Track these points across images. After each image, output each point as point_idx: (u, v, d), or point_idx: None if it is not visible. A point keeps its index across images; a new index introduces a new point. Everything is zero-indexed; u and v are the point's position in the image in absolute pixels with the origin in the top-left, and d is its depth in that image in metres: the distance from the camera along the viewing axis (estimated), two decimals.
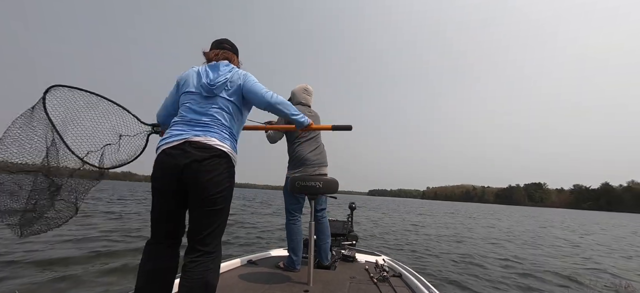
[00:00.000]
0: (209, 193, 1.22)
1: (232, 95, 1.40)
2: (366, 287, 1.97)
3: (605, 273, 4.97)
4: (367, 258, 2.78)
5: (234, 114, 1.40)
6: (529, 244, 8.15)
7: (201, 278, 1.16)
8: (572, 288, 4.04)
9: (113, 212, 9.26)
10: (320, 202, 2.46)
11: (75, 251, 4.10)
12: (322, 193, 1.95)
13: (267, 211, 13.89)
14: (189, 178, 1.22)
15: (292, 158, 2.38)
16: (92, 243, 4.68)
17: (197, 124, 1.30)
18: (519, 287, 3.92)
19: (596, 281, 4.43)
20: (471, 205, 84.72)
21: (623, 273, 5.11)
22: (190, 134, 1.26)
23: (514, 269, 4.88)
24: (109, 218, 7.80)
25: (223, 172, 1.27)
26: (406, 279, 2.13)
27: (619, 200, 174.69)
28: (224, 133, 1.33)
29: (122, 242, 5.06)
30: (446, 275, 4.21)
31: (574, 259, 6.26)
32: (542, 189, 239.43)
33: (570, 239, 10.11)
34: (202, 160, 1.22)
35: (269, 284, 1.92)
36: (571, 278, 4.44)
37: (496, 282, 4.06)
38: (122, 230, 6.08)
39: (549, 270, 4.95)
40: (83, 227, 5.98)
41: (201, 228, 1.23)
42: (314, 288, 1.88)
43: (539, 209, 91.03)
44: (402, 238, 7.64)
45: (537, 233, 11.64)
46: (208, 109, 1.34)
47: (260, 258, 2.66)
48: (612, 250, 8.03)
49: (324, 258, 2.38)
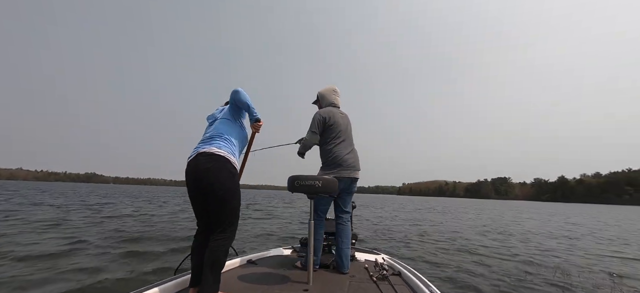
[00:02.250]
0: (209, 190, 1.62)
1: (226, 114, 1.89)
2: (366, 285, 1.96)
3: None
4: (367, 257, 2.76)
5: (229, 126, 1.84)
6: (521, 240, 8.79)
7: (216, 251, 1.57)
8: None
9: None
10: (346, 204, 2.41)
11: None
12: (321, 192, 1.94)
13: (268, 211, 13.95)
14: (202, 181, 1.63)
15: (327, 160, 2.33)
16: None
17: (204, 140, 1.76)
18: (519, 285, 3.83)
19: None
20: (447, 200, 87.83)
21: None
22: (200, 148, 1.70)
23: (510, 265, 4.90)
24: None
25: (223, 171, 1.64)
26: (405, 277, 2.12)
27: (572, 191, 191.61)
28: (223, 142, 1.73)
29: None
30: (447, 273, 4.21)
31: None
32: (507, 183, 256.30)
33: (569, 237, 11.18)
34: (206, 166, 1.63)
35: (269, 284, 1.92)
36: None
37: (496, 278, 4.04)
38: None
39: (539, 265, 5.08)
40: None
41: (217, 217, 1.64)
42: (314, 287, 1.89)
43: (506, 202, 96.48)
44: (406, 239, 7.50)
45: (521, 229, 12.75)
46: (214, 129, 1.80)
47: (260, 258, 2.64)
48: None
49: (345, 265, 2.23)
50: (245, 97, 1.84)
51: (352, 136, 2.51)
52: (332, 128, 2.34)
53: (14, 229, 6.03)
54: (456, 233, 8.85)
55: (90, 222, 7.56)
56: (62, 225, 6.83)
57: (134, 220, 8.51)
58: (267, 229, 7.85)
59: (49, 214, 8.95)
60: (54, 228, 6.45)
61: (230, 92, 1.87)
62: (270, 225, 8.89)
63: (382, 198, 67.52)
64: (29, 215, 8.38)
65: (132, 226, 7.22)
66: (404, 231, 8.73)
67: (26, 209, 10.11)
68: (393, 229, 9.06)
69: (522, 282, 3.95)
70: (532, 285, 3.85)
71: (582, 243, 7.95)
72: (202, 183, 1.62)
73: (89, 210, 10.86)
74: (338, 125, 2.36)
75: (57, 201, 14.78)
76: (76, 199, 16.98)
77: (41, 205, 11.81)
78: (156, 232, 6.41)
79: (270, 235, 6.89)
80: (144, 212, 10.79)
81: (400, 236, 7.70)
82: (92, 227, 6.86)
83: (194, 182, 1.66)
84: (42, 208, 10.80)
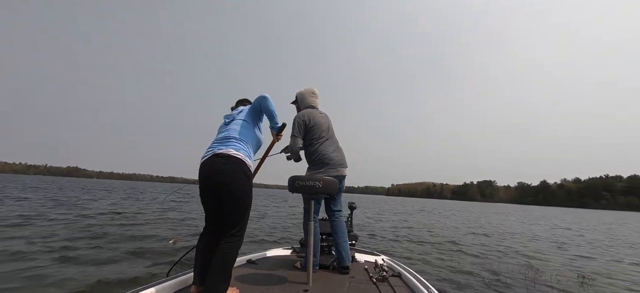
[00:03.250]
0: (225, 191, 1.63)
1: (245, 116, 1.90)
2: (365, 286, 1.95)
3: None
4: (367, 258, 2.77)
5: (246, 129, 1.85)
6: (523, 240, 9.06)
7: (229, 252, 1.60)
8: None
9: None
10: (337, 203, 2.44)
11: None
12: (321, 193, 1.94)
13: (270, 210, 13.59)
14: (217, 182, 1.63)
15: (314, 160, 2.35)
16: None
17: (220, 141, 1.75)
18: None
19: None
20: (435, 202, 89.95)
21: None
22: (216, 149, 1.69)
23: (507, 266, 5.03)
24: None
25: (238, 173, 1.65)
26: (405, 279, 2.12)
27: (553, 195, 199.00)
28: (239, 144, 1.74)
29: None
30: (446, 275, 4.22)
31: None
32: (492, 186, 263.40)
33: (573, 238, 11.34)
34: (223, 167, 1.63)
35: (269, 284, 1.91)
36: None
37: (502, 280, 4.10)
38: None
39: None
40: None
41: (230, 218, 1.65)
42: (314, 287, 1.88)
43: (492, 205, 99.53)
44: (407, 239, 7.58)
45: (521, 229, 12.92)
46: (230, 131, 1.80)
47: (259, 258, 2.64)
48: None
49: (345, 259, 2.27)
50: (272, 105, 1.90)
51: (335, 135, 2.54)
52: (314, 129, 2.37)
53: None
54: (443, 233, 8.76)
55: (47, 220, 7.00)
56: (24, 225, 6.25)
57: (104, 219, 7.97)
58: (265, 230, 7.70)
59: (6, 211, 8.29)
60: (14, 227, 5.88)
61: (257, 97, 1.89)
62: (262, 224, 8.71)
63: (371, 199, 67.89)
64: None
65: (98, 227, 6.72)
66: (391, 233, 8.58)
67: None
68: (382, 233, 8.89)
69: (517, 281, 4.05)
70: (531, 284, 3.97)
71: (568, 245, 8.02)
72: (217, 184, 1.63)
73: (60, 206, 10.20)
74: (320, 125, 2.40)
75: (25, 194, 13.96)
76: (48, 193, 16.10)
77: (4, 201, 11.04)
78: (121, 236, 5.92)
79: (266, 235, 6.76)
80: (121, 210, 10.17)
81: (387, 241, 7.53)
82: (48, 226, 6.30)
83: (207, 183, 1.67)
84: (6, 204, 10.07)
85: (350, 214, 3.26)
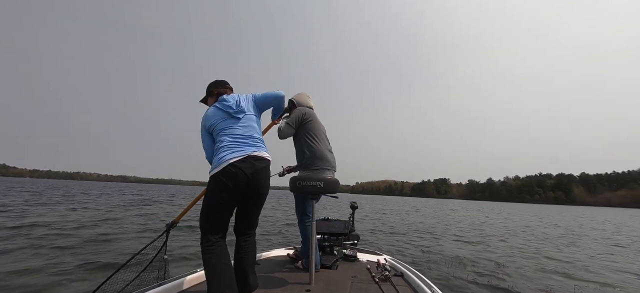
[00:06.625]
0: (264, 193, 1.74)
1: (254, 110, 1.87)
2: (368, 286, 1.96)
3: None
4: (369, 258, 2.77)
5: (259, 124, 1.88)
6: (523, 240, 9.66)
7: (252, 251, 1.75)
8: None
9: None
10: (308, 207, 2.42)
11: None
12: (323, 192, 1.92)
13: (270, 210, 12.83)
14: (254, 184, 1.65)
15: (309, 157, 2.26)
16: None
17: (246, 139, 1.70)
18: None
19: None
20: (396, 199, 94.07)
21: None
22: (249, 150, 1.66)
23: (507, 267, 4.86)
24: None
25: (268, 172, 1.76)
26: (408, 278, 2.12)
27: (497, 192, 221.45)
28: (264, 145, 1.79)
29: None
30: (446, 271, 4.20)
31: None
32: (446, 184, 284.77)
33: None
34: (262, 169, 1.68)
35: (271, 284, 1.91)
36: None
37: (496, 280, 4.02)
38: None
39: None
40: None
41: (255, 218, 1.79)
42: (316, 287, 1.88)
43: (446, 201, 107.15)
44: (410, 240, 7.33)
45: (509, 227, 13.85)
46: (248, 128, 1.74)
47: (261, 258, 2.64)
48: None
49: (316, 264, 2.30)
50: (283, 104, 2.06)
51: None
52: (311, 124, 2.40)
53: None
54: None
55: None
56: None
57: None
58: (265, 230, 7.45)
59: None
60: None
61: (275, 94, 1.92)
62: (262, 224, 8.48)
63: (343, 197, 68.92)
64: None
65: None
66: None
67: None
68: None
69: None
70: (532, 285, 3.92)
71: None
72: (257, 186, 1.66)
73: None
74: (319, 125, 2.44)
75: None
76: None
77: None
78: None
79: (267, 236, 6.60)
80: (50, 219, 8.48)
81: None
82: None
83: (247, 184, 1.62)
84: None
85: (352, 214, 3.25)
